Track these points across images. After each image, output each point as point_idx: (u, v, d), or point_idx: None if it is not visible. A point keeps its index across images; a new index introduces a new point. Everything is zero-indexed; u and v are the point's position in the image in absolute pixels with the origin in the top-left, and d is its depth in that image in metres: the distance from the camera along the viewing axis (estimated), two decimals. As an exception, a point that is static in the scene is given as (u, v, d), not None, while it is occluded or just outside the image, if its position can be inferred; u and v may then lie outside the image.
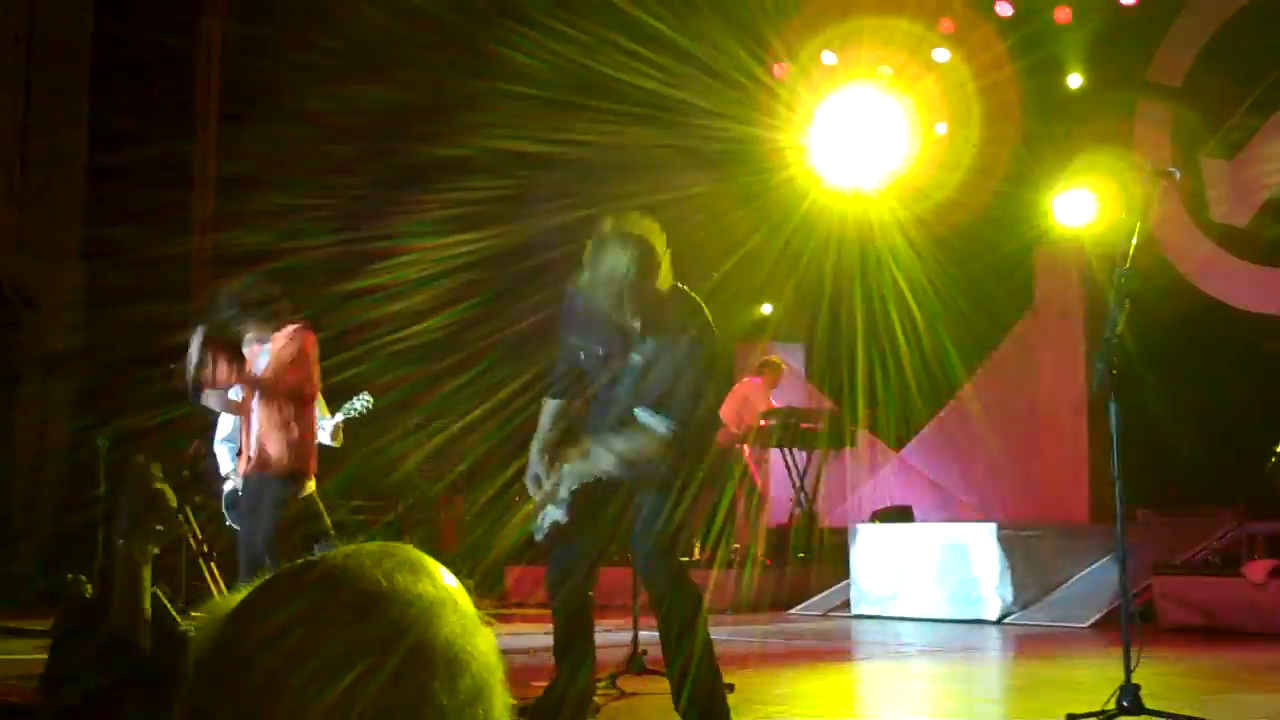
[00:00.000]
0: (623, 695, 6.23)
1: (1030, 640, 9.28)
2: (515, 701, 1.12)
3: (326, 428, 8.08)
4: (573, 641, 4.81)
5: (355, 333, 11.06)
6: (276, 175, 13.26)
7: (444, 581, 1.12)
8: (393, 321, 12.69)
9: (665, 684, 5.84)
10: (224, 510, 8.10)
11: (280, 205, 12.73)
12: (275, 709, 1.01)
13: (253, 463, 6.81)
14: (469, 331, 13.03)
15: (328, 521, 7.35)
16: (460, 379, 12.66)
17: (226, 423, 8.28)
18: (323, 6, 13.41)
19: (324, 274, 12.20)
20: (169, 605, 3.92)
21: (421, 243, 12.98)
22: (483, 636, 1.11)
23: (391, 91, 13.34)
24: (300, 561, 1.12)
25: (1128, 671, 5.07)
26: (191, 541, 9.93)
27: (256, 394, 6.81)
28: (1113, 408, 5.32)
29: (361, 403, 8.17)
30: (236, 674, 1.04)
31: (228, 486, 8.05)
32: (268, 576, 1.11)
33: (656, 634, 4.80)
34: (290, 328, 6.88)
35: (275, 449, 6.75)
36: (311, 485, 7.07)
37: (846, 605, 10.91)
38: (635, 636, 6.80)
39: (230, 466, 8.14)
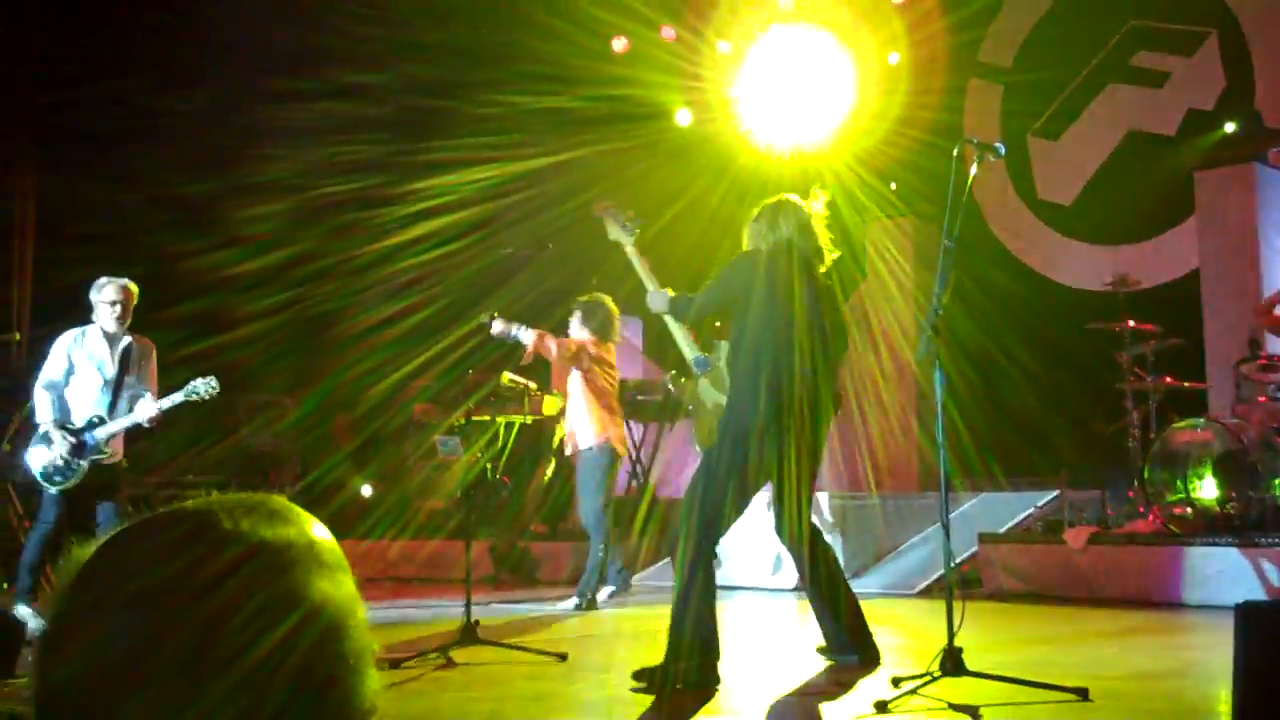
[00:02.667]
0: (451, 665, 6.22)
1: (861, 607, 9.42)
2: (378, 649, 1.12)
3: (148, 411, 7.95)
4: None
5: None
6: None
7: (309, 528, 1.11)
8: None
9: (499, 653, 5.83)
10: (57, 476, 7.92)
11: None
12: (138, 667, 0.99)
13: None
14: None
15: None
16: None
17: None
18: None
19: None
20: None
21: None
22: (343, 582, 1.11)
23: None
24: (148, 516, 1.10)
25: (950, 635, 5.18)
26: (13, 518, 9.67)
27: None
28: (938, 377, 5.42)
29: (205, 386, 7.96)
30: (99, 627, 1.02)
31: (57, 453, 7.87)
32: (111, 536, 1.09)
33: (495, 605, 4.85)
34: None
35: None
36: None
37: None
38: (469, 607, 6.78)
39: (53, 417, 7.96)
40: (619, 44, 13.66)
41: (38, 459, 7.93)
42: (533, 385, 11.00)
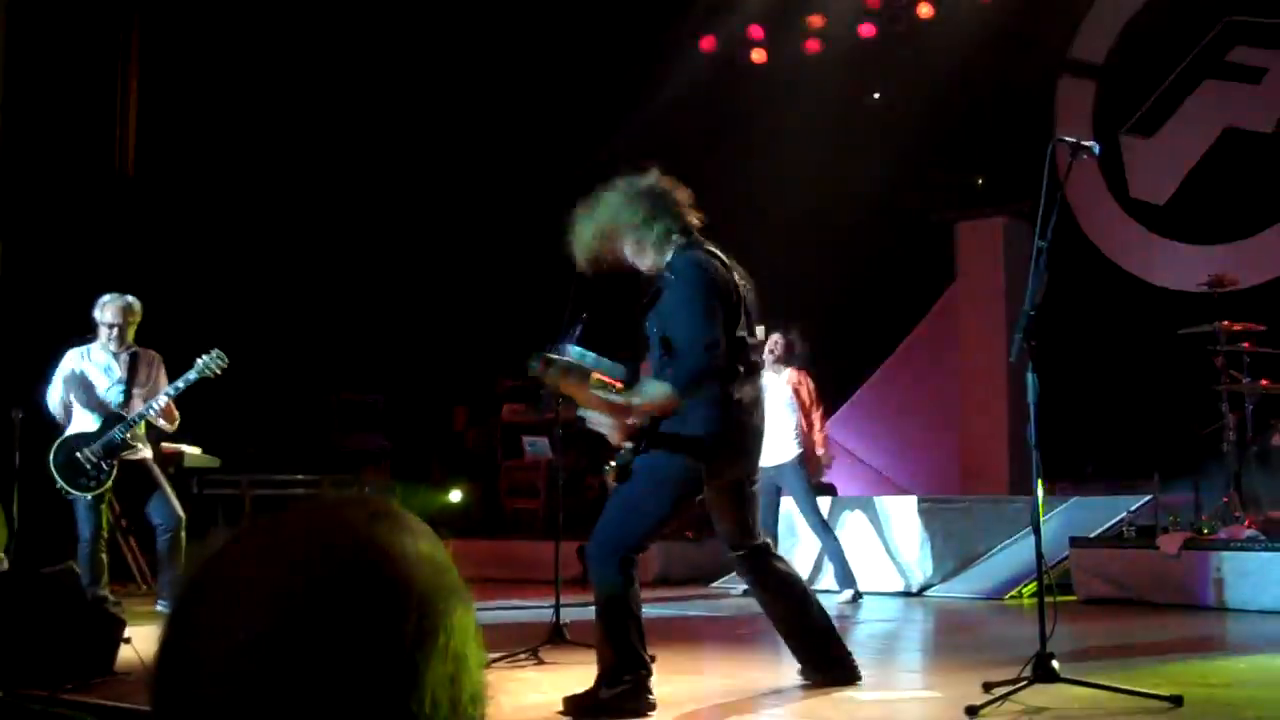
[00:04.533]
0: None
1: (948, 612, 9.38)
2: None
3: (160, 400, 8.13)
4: None
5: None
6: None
7: (415, 527, 1.13)
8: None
9: (589, 654, 5.86)
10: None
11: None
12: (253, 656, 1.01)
13: None
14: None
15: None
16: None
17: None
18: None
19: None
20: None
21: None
22: (457, 585, 1.12)
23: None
24: (273, 515, 1.13)
25: (1043, 641, 5.13)
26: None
27: None
28: (1030, 379, 5.36)
29: (214, 361, 8.05)
30: (221, 623, 1.04)
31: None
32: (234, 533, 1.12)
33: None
34: None
35: None
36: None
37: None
38: (557, 610, 6.83)
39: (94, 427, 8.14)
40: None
41: (66, 470, 8.08)
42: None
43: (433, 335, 14.47)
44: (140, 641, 5.66)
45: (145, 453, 8.31)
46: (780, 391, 9.92)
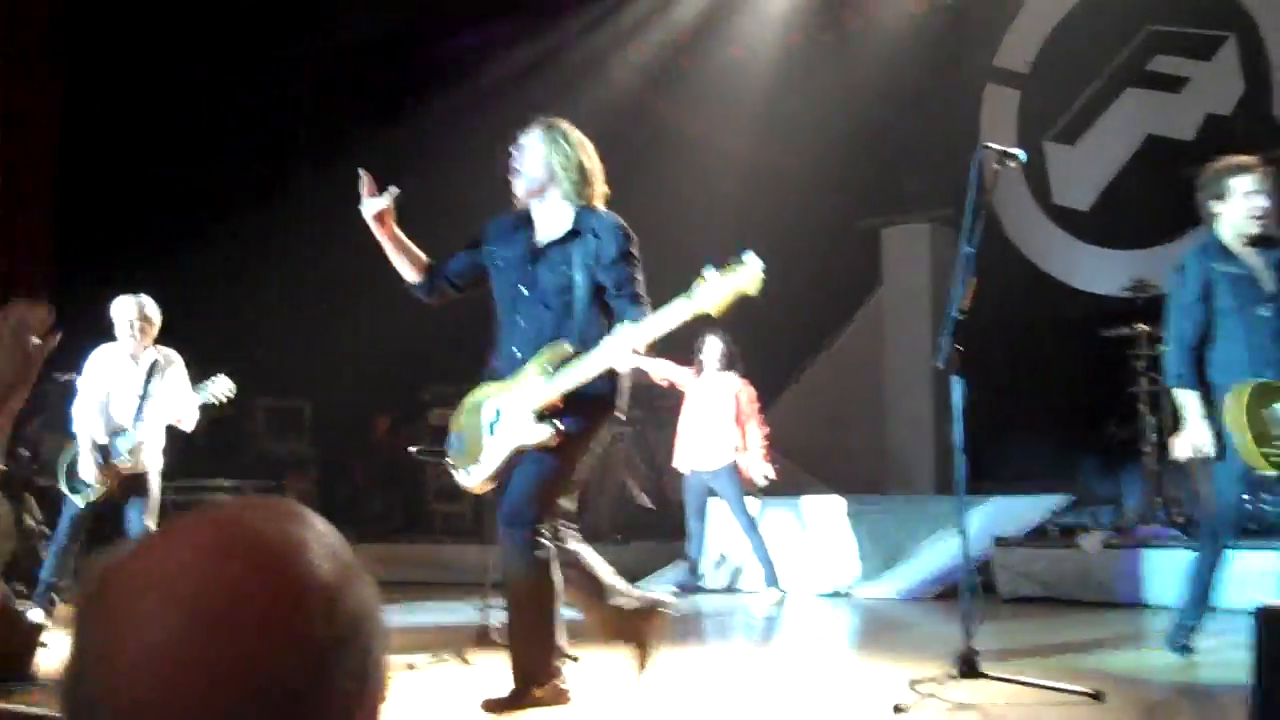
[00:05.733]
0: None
1: (874, 611, 9.47)
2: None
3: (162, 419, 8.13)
4: None
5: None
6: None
7: (320, 528, 1.13)
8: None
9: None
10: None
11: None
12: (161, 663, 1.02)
13: None
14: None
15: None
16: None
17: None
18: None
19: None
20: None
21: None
22: (363, 582, 1.13)
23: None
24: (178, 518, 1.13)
25: (967, 639, 5.20)
26: (31, 523, 9.71)
27: None
28: (957, 383, 5.44)
29: (217, 387, 8.06)
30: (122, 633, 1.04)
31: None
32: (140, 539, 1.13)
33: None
34: None
35: None
36: None
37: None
38: (486, 612, 6.84)
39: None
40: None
41: (75, 469, 8.03)
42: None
43: (360, 340, 14.41)
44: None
45: (149, 465, 8.18)
46: (722, 398, 10.04)
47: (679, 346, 10.67)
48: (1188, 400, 6.17)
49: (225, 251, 13.59)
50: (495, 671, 5.67)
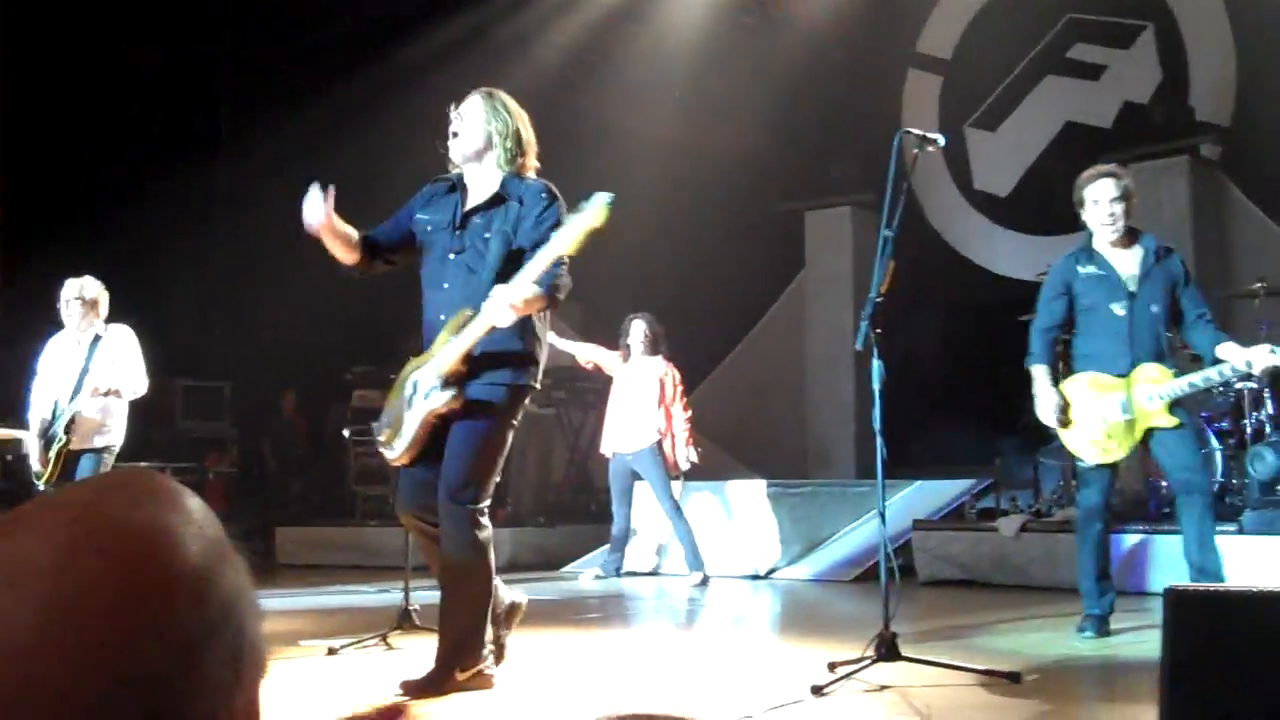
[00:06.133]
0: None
1: (795, 594, 9.53)
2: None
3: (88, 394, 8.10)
4: None
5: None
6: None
7: (189, 507, 1.10)
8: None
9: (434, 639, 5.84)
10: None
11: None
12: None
13: None
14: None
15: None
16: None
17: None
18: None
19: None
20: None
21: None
22: (234, 564, 1.09)
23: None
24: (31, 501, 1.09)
25: (886, 621, 5.24)
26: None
27: None
28: (876, 366, 5.47)
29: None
30: None
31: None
32: None
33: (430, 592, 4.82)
34: None
35: None
36: None
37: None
38: (406, 595, 6.81)
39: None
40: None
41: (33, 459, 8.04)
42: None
43: (281, 321, 14.29)
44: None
45: (97, 441, 8.11)
46: (648, 381, 10.07)
47: (606, 331, 10.69)
48: (1036, 374, 6.74)
49: (144, 232, 13.43)
50: (417, 654, 5.65)
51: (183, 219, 14.29)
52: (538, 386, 5.33)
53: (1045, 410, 6.67)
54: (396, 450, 5.26)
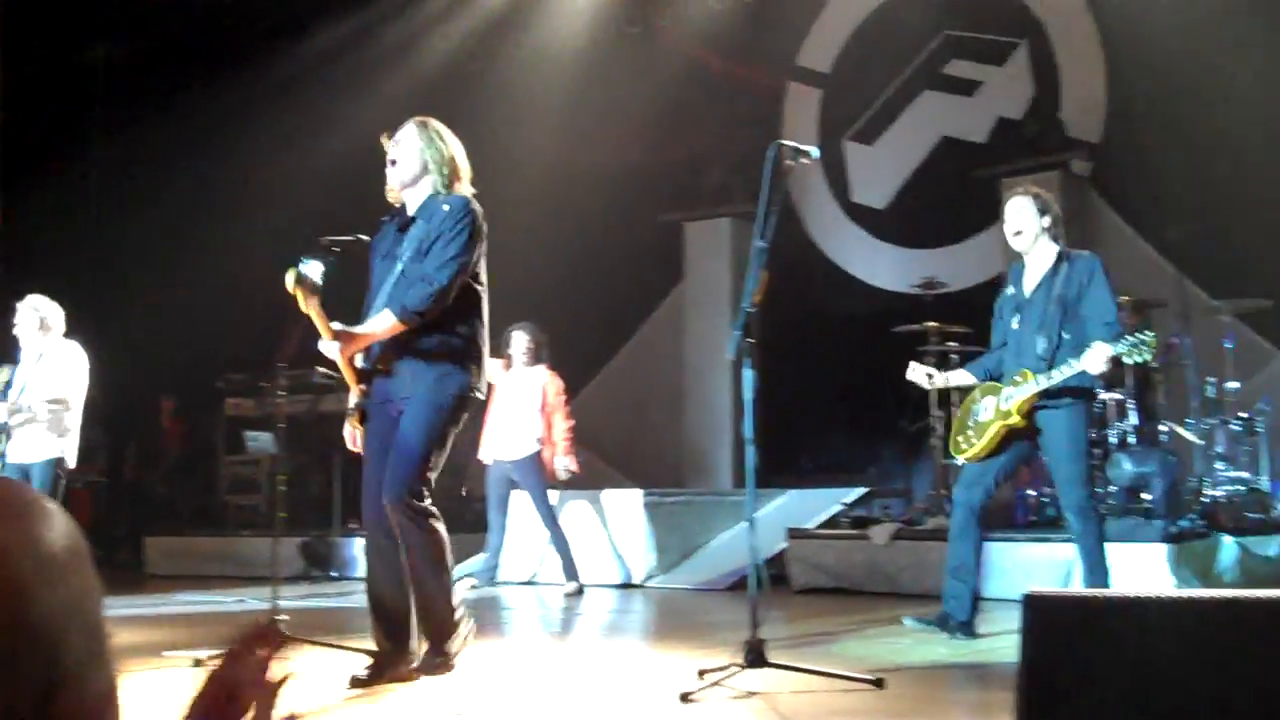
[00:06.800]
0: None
1: (669, 602, 9.55)
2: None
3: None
4: None
5: None
6: None
7: (28, 523, 1.06)
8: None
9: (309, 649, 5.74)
10: None
11: None
12: None
13: None
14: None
15: None
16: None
17: None
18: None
19: None
20: None
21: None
22: (64, 584, 1.06)
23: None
24: None
25: (754, 628, 5.27)
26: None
27: None
28: (747, 375, 5.50)
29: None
30: None
31: None
32: None
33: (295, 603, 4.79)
34: None
35: None
36: None
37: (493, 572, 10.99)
38: (275, 604, 6.72)
39: None
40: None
41: None
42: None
43: (153, 328, 14.07)
44: None
45: (34, 455, 8.10)
46: (529, 390, 10.08)
47: (488, 341, 10.64)
48: (959, 372, 7.15)
49: (13, 236, 13.14)
50: (282, 665, 5.57)
51: (53, 222, 14.00)
52: (480, 396, 5.66)
53: (916, 372, 7.13)
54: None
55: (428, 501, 5.41)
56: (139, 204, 14.35)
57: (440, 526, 5.45)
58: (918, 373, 7.09)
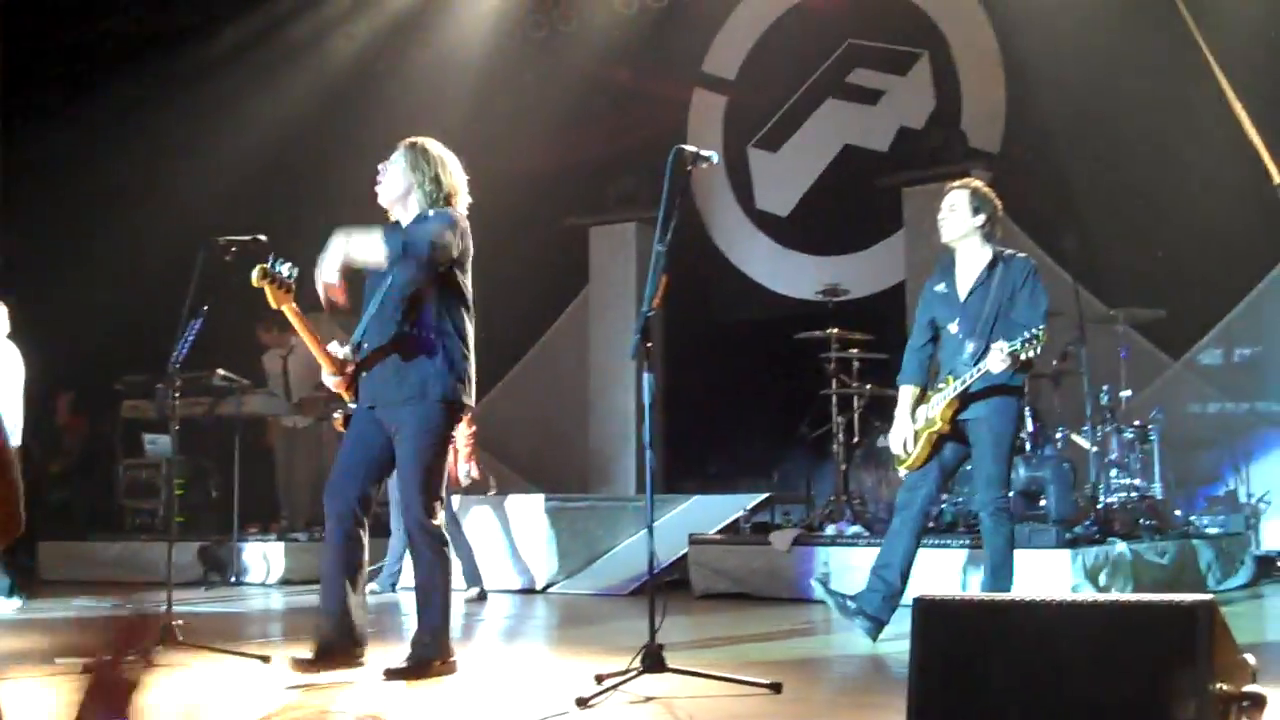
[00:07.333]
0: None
1: (571, 608, 9.53)
2: None
3: None
4: None
5: None
6: None
7: None
8: None
9: (202, 655, 5.69)
10: None
11: None
12: None
13: None
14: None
15: None
16: None
17: None
18: None
19: None
20: None
21: None
22: None
23: None
24: None
25: (652, 634, 5.27)
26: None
27: None
28: (646, 379, 5.50)
29: None
30: None
31: None
32: None
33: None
34: None
35: None
36: None
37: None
38: (169, 610, 6.64)
39: None
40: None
41: None
42: (245, 381, 11.04)
43: (52, 326, 13.81)
44: None
45: None
46: None
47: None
48: (900, 396, 6.89)
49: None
50: (182, 671, 5.52)
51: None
52: (470, 403, 6.23)
53: (894, 438, 6.87)
54: None
55: (438, 521, 5.74)
56: (42, 201, 14.09)
57: (450, 553, 5.83)
58: (896, 441, 6.86)
